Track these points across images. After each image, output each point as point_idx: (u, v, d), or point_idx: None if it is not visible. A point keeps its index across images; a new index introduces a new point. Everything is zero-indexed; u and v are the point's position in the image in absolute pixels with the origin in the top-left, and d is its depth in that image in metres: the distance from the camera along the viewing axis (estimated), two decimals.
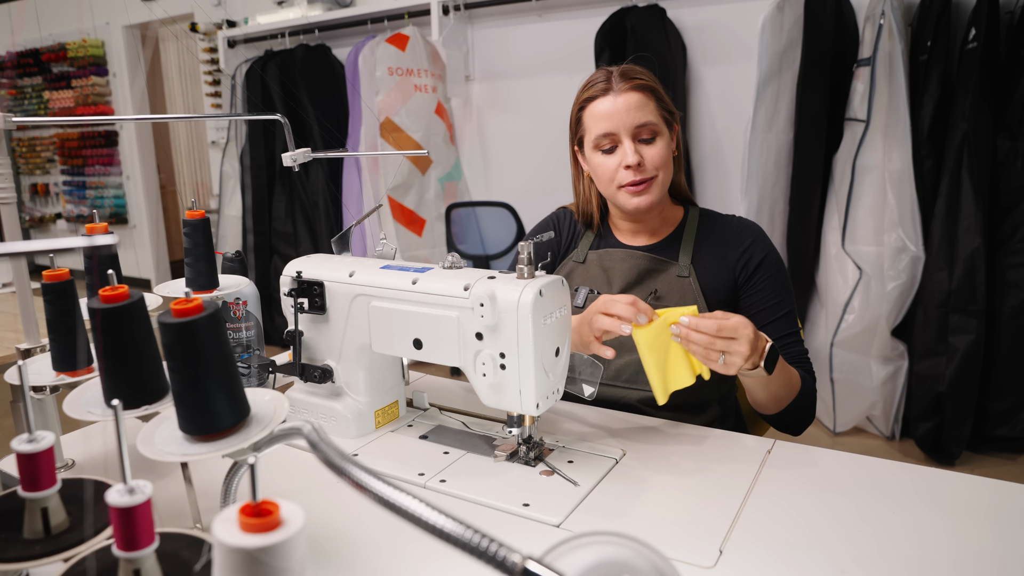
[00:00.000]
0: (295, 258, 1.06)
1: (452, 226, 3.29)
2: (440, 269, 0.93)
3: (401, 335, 0.92)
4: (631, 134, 1.14)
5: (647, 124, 1.14)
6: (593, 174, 1.21)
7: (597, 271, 1.27)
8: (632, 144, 1.14)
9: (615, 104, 1.14)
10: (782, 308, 1.17)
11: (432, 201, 3.54)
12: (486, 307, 0.83)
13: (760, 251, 1.19)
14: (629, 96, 1.14)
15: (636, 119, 1.13)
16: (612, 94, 1.15)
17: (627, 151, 1.13)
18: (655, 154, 1.15)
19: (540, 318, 0.83)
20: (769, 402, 1.07)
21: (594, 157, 1.19)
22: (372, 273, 0.97)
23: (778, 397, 1.06)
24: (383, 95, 3.34)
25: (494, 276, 0.88)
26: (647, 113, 1.14)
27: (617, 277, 1.24)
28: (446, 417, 1.11)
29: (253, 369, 1.11)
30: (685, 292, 1.18)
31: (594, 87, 1.17)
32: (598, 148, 1.17)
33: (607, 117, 1.14)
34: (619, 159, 1.15)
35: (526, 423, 0.93)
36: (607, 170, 1.16)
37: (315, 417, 1.04)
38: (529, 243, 0.86)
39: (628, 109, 1.13)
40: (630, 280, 1.22)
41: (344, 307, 0.98)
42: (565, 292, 0.89)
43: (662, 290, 1.20)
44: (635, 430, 1.05)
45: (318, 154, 1.18)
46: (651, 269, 1.22)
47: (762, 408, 1.09)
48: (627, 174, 1.14)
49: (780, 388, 1.04)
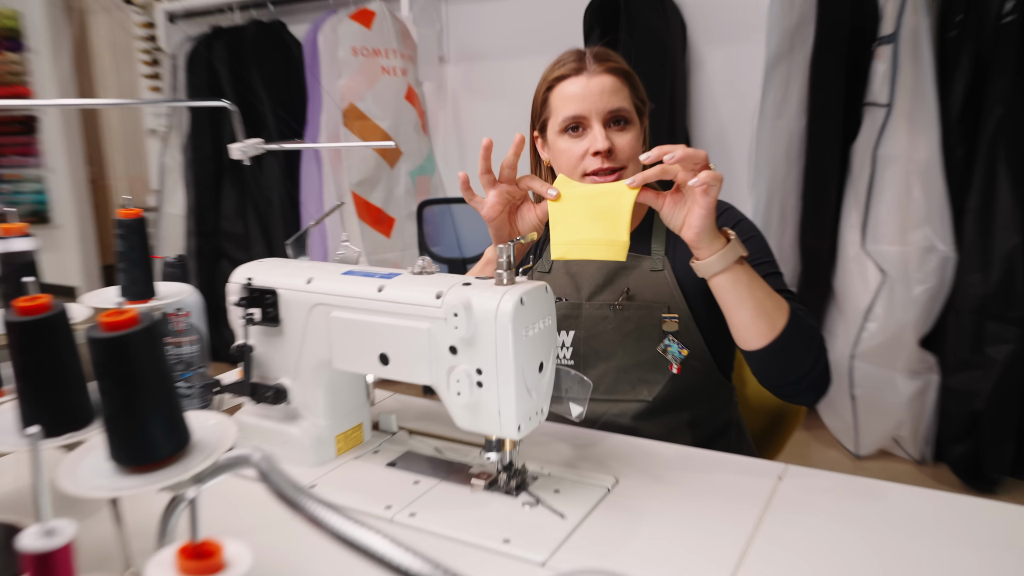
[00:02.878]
0: (245, 262, 1.06)
1: (424, 226, 3.29)
2: (410, 275, 0.94)
3: (365, 349, 0.93)
4: (602, 119, 1.17)
5: (620, 110, 1.17)
6: (555, 161, 1.23)
7: (564, 279, 1.29)
8: (603, 130, 1.16)
9: (588, 86, 1.17)
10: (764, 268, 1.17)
11: (402, 198, 3.54)
12: (461, 317, 0.83)
13: (728, 220, 1.23)
14: (604, 79, 1.17)
15: (609, 103, 1.16)
16: (585, 75, 1.18)
17: (596, 136, 1.16)
18: (626, 143, 1.18)
19: (521, 329, 0.84)
20: (758, 318, 1.01)
21: (558, 141, 1.21)
22: (333, 280, 0.97)
23: (766, 310, 1.02)
24: (346, 78, 3.34)
25: (470, 283, 0.88)
26: (621, 99, 1.18)
27: (585, 282, 1.27)
28: (417, 442, 1.11)
29: (196, 389, 1.11)
30: (660, 287, 1.21)
31: (565, 66, 1.20)
32: (564, 131, 1.19)
33: (578, 99, 1.17)
34: (587, 144, 1.17)
35: (506, 448, 0.93)
36: (572, 156, 1.18)
37: (267, 443, 1.04)
38: (509, 245, 0.87)
39: (602, 92, 1.16)
40: (598, 283, 1.25)
41: (301, 318, 0.98)
42: (549, 300, 0.89)
43: (635, 288, 1.23)
44: (628, 453, 1.06)
45: (272, 145, 1.19)
46: (621, 267, 1.24)
47: (751, 334, 1.03)
48: (594, 161, 1.16)
49: (765, 297, 1.02)
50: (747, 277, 1.01)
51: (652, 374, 1.21)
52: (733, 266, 1.00)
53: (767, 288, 1.04)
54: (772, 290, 1.05)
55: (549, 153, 1.26)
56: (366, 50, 3.36)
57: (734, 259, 1.00)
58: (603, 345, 1.24)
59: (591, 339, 1.25)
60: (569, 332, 1.26)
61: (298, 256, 1.09)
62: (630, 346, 1.22)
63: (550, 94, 1.22)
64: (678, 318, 1.20)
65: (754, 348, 1.04)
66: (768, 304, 1.02)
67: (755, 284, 1.02)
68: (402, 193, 3.55)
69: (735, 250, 1.00)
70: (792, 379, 1.06)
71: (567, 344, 1.26)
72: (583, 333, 1.25)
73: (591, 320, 1.25)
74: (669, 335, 1.20)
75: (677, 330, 1.20)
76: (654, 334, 1.21)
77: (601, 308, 1.24)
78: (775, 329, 1.02)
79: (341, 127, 3.40)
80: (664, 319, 1.21)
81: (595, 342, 1.24)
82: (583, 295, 1.26)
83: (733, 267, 1.00)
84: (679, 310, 1.20)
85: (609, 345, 1.23)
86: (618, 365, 1.23)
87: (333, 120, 3.46)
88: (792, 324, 1.03)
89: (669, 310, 1.20)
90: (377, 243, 3.50)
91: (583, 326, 1.25)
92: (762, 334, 1.02)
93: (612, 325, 1.23)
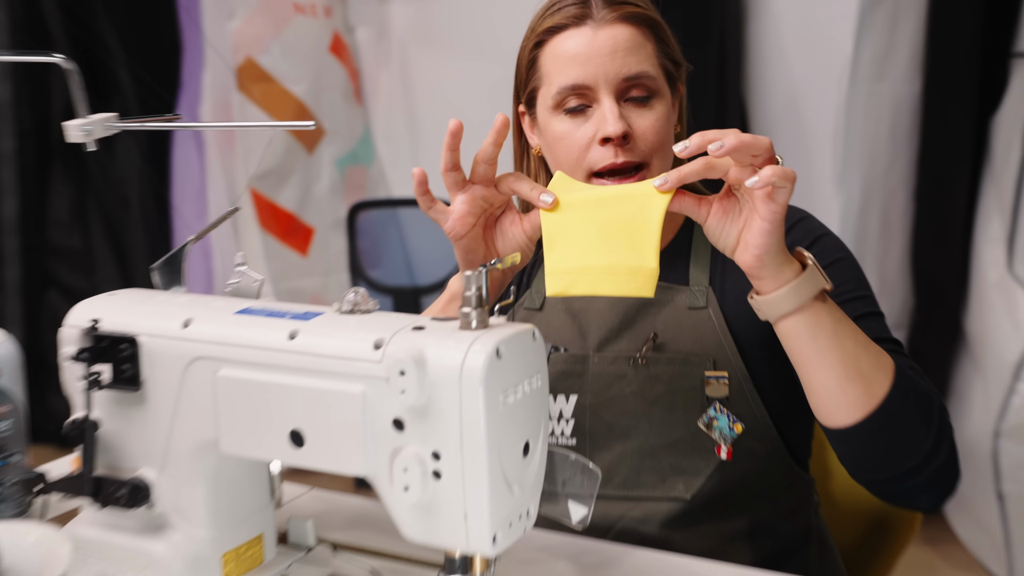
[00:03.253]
0: (88, 295, 1.07)
1: (359, 240, 3.30)
2: (336, 314, 0.95)
3: (270, 425, 0.93)
4: (615, 89, 1.18)
5: (641, 77, 1.19)
6: (549, 151, 1.25)
7: (563, 319, 1.31)
8: (615, 106, 1.18)
9: (594, 42, 1.18)
10: (855, 307, 1.18)
11: (325, 198, 3.56)
12: (410, 377, 0.85)
13: (803, 237, 1.24)
14: (616, 31, 1.19)
15: (625, 67, 1.18)
16: (590, 25, 1.19)
17: (607, 115, 1.17)
18: (650, 125, 1.20)
19: (497, 394, 0.85)
20: (847, 380, 1.02)
21: (552, 122, 1.23)
22: (222, 322, 0.98)
23: (860, 368, 1.03)
24: (240, 20, 3.37)
25: (423, 326, 0.90)
26: (642, 60, 1.19)
27: (593, 324, 1.28)
28: (344, 561, 1.11)
29: (8, 488, 1.11)
30: (702, 332, 1.23)
31: (561, 12, 1.22)
32: (560, 107, 1.21)
33: (579, 60, 1.19)
34: (593, 128, 1.19)
35: (477, 569, 0.94)
36: (572, 145, 1.20)
37: (119, 569, 1.04)
38: (480, 272, 0.89)
39: (614, 51, 1.18)
40: (612, 326, 1.27)
41: (173, 379, 0.99)
42: (539, 352, 0.91)
43: (666, 333, 1.24)
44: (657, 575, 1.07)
45: (129, 122, 1.20)
46: (645, 302, 1.26)
47: (837, 404, 1.04)
48: (604, 152, 1.18)
49: (859, 349, 1.03)
50: (831, 321, 1.03)
51: (691, 460, 1.22)
52: (811, 304, 1.02)
53: (861, 337, 1.06)
54: (868, 339, 1.07)
55: (540, 138, 1.28)
56: None
57: (813, 294, 1.02)
58: (619, 417, 1.25)
59: (602, 408, 1.26)
60: (570, 397, 1.27)
61: (170, 286, 1.10)
62: (658, 418, 1.23)
63: (539, 52, 1.24)
64: (728, 378, 1.22)
65: (842, 425, 1.05)
66: (863, 360, 1.04)
67: (843, 331, 1.04)
68: (326, 191, 3.56)
69: (814, 281, 1.02)
70: (900, 472, 1.07)
71: (566, 415, 1.27)
72: (590, 399, 1.26)
73: (602, 380, 1.26)
74: (716, 403, 1.22)
75: (727, 396, 1.22)
76: (694, 401, 1.22)
77: (616, 362, 1.26)
78: (873, 397, 1.03)
79: (234, 92, 3.41)
80: (708, 380, 1.22)
81: (607, 412, 1.26)
82: (590, 343, 1.28)
83: (811, 305, 1.02)
84: (729, 366, 1.22)
85: (628, 417, 1.24)
86: (641, 447, 1.24)
87: (222, 82, 3.48)
88: (899, 389, 1.04)
89: (715, 366, 1.22)
90: (289, 265, 3.50)
91: (590, 389, 1.27)
92: (854, 405, 1.03)
93: (632, 388, 1.24)
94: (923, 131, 2.77)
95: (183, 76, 3.60)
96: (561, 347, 1.28)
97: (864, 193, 2.78)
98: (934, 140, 2.75)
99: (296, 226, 3.52)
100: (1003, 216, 2.64)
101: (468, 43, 3.55)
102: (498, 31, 3.51)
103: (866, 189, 2.78)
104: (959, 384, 2.82)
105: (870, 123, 2.75)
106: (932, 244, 2.78)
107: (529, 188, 1.08)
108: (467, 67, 3.53)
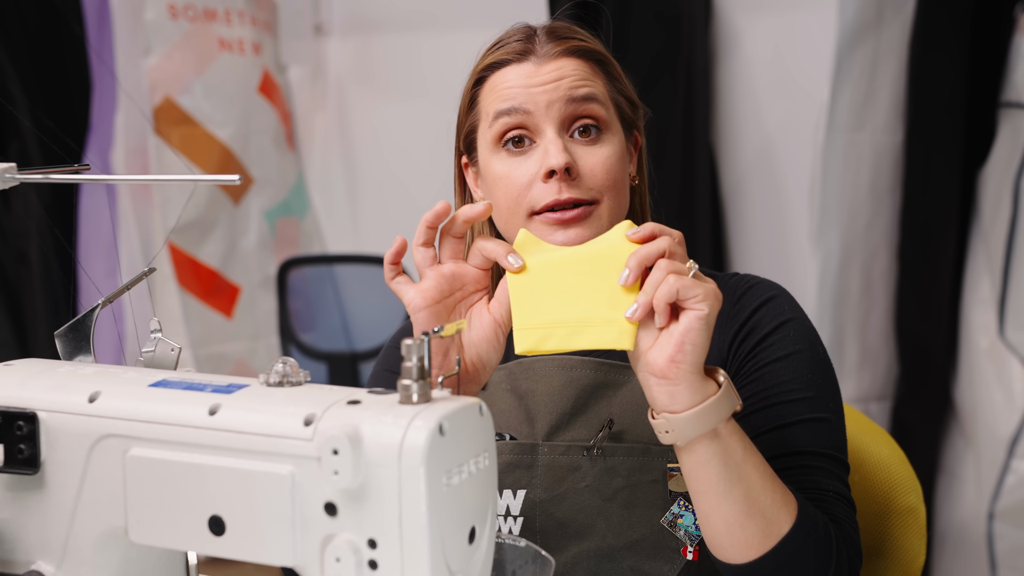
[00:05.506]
0: None
1: (290, 300, 3.29)
2: (262, 386, 0.95)
3: (186, 510, 0.93)
4: (559, 119, 1.20)
5: (589, 102, 1.21)
6: (491, 195, 1.26)
7: (508, 401, 1.30)
8: (558, 138, 1.19)
9: (536, 74, 1.21)
10: (782, 396, 1.20)
11: (253, 254, 3.55)
12: (344, 457, 0.85)
13: (767, 320, 1.25)
14: (562, 63, 1.22)
15: (570, 92, 1.20)
16: (532, 61, 1.22)
17: (549, 147, 1.18)
18: (599, 162, 1.21)
19: (440, 475, 0.86)
20: (747, 509, 1.04)
21: (493, 161, 1.24)
22: (133, 396, 0.97)
23: (761, 495, 1.04)
24: (157, 56, 3.38)
25: (359, 400, 0.90)
26: (590, 86, 1.22)
27: (543, 408, 1.27)
28: None
29: None
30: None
31: (502, 48, 1.25)
32: (499, 143, 1.23)
33: (518, 87, 1.21)
34: (536, 164, 1.20)
35: None
36: (512, 183, 1.21)
37: None
38: (422, 339, 0.89)
39: (559, 81, 1.20)
40: (564, 410, 1.26)
41: (77, 460, 0.98)
42: (486, 426, 0.91)
43: (623, 417, 1.24)
44: None
45: (29, 174, 1.20)
46: (599, 384, 1.26)
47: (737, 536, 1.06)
48: (547, 189, 1.19)
49: (760, 477, 1.04)
50: (741, 448, 1.04)
51: (654, 562, 1.22)
52: (724, 427, 1.02)
53: (767, 469, 1.06)
54: (773, 472, 1.07)
55: (483, 187, 1.29)
56: (193, 9, 3.41)
57: (727, 415, 1.02)
58: (573, 514, 1.24)
59: (553, 504, 1.25)
60: (517, 492, 1.26)
61: (75, 356, 1.10)
62: (617, 516, 1.23)
63: (479, 90, 1.27)
64: None
65: (735, 562, 1.07)
66: (767, 495, 1.05)
67: (752, 460, 1.05)
68: (253, 246, 3.55)
69: (729, 400, 1.02)
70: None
71: (514, 512, 1.26)
72: (540, 494, 1.26)
73: (553, 473, 1.26)
74: (680, 498, 1.22)
75: None
76: (655, 496, 1.22)
77: (569, 452, 1.25)
78: (772, 537, 1.05)
79: (151, 135, 3.41)
80: (671, 472, 1.22)
81: (560, 509, 1.25)
82: (539, 430, 1.27)
83: (724, 428, 1.02)
84: None
85: (583, 514, 1.24)
86: (598, 548, 1.23)
87: (137, 125, 3.46)
88: (799, 529, 1.06)
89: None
90: (211, 328, 3.48)
91: (540, 483, 1.26)
92: (751, 543, 1.05)
93: (587, 481, 1.24)
94: (906, 184, 2.80)
95: (93, 117, 3.57)
96: (506, 435, 1.27)
97: (844, 251, 2.78)
98: (918, 194, 2.78)
99: (220, 284, 3.51)
100: (993, 277, 2.67)
101: (411, 83, 3.58)
102: (444, 70, 3.54)
103: (846, 247, 2.79)
104: (949, 461, 2.82)
105: (849, 175, 2.77)
106: (917, 307, 2.80)
107: (494, 247, 1.09)
108: (410, 110, 3.56)
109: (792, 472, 1.15)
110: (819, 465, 1.16)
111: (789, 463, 1.16)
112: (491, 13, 3.37)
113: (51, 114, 3.55)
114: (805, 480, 1.16)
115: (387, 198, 3.65)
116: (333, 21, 3.69)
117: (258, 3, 3.53)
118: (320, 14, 3.69)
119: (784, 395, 1.19)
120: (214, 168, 3.39)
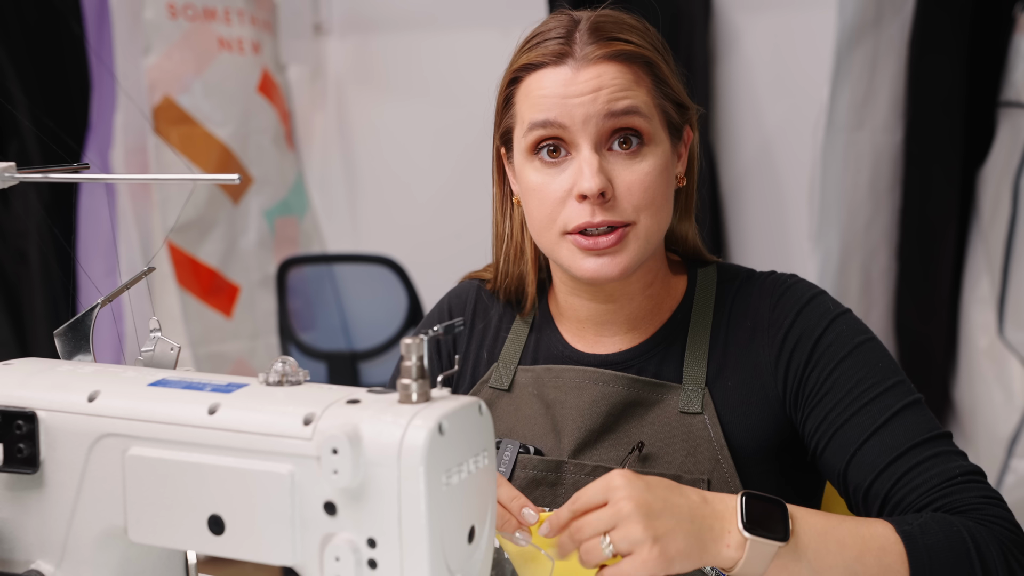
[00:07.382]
0: None
1: (290, 299, 3.28)
2: (261, 385, 0.95)
3: (186, 509, 0.93)
4: (596, 135, 1.15)
5: (630, 114, 1.16)
6: (525, 202, 1.23)
7: (535, 407, 1.27)
8: (594, 157, 1.15)
9: (573, 82, 1.15)
10: (866, 394, 1.16)
11: (252, 253, 3.54)
12: (343, 456, 0.85)
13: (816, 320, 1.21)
14: (601, 69, 1.16)
15: (609, 105, 1.15)
16: (570, 64, 1.16)
17: (583, 168, 1.14)
18: (637, 180, 1.16)
19: (440, 475, 0.86)
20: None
21: (527, 170, 1.20)
22: (133, 395, 0.97)
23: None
24: (157, 55, 3.37)
25: (359, 399, 0.90)
26: (631, 98, 1.16)
27: (571, 422, 1.24)
28: None
29: None
30: (696, 444, 1.20)
31: (539, 47, 1.19)
32: (534, 152, 1.19)
33: (554, 100, 1.15)
34: (570, 180, 1.16)
35: None
36: (546, 198, 1.18)
37: None
38: (421, 339, 0.89)
39: (596, 91, 1.14)
40: (593, 427, 1.23)
41: (76, 459, 0.98)
42: (485, 426, 0.91)
43: (654, 440, 1.21)
44: None
45: (29, 173, 1.20)
46: (632, 402, 1.23)
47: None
48: (580, 210, 1.15)
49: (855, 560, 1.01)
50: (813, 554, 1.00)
51: None
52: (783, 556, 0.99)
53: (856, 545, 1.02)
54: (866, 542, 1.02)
55: (518, 188, 1.26)
56: (192, 9, 3.40)
57: (768, 562, 0.98)
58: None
59: None
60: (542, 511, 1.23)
61: (74, 355, 1.10)
62: None
63: (515, 89, 1.22)
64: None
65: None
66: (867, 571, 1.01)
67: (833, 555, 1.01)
68: (253, 245, 3.55)
69: (762, 552, 0.98)
70: None
71: None
72: None
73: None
74: None
75: None
76: None
77: (596, 473, 1.20)
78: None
79: (150, 135, 3.40)
80: None
81: None
82: (565, 446, 1.24)
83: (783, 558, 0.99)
84: (726, 488, 1.17)
85: None
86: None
87: (136, 125, 3.45)
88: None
89: (709, 486, 1.17)
90: (210, 327, 3.48)
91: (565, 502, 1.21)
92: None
93: None
94: (905, 184, 2.80)
95: (92, 116, 3.56)
96: (531, 447, 1.24)
97: (843, 251, 2.78)
98: (917, 194, 2.79)
99: (219, 284, 3.50)
100: (992, 276, 2.67)
101: (411, 83, 3.57)
102: (443, 70, 3.54)
103: (845, 246, 2.79)
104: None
105: (849, 175, 2.77)
106: (917, 307, 2.81)
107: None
108: (410, 109, 3.55)
109: (912, 474, 1.12)
110: (932, 453, 1.12)
111: (905, 466, 1.12)
112: (491, 13, 3.37)
113: (50, 113, 3.55)
114: (931, 478, 1.11)
115: (386, 197, 3.64)
116: (333, 20, 3.68)
117: (258, 2, 3.52)
118: (320, 13, 3.69)
119: (867, 393, 1.15)
120: (213, 167, 3.38)
